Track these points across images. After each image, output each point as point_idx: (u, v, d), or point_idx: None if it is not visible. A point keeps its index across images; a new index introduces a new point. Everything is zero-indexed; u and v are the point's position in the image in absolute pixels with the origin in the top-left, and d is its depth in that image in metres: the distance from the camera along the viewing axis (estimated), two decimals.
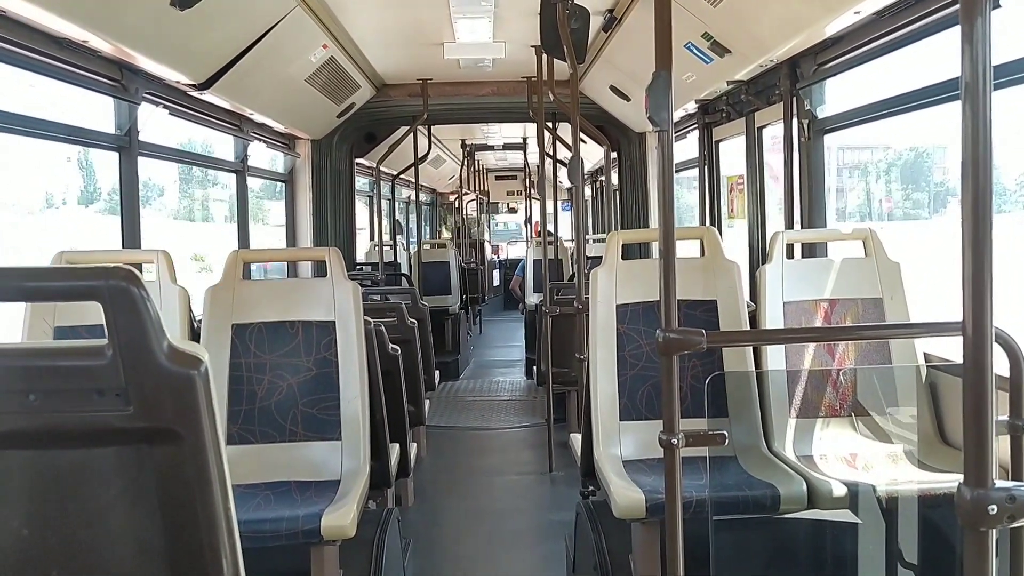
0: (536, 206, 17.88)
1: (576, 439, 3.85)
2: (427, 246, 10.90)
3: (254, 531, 2.70)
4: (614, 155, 7.56)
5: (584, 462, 3.53)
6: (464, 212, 16.54)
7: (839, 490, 2.91)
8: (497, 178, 19.46)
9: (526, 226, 16.28)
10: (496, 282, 16.60)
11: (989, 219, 1.22)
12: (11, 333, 3.30)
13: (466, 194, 15.34)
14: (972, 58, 1.20)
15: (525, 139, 11.99)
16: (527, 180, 14.45)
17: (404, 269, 10.02)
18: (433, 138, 10.06)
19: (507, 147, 12.86)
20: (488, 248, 17.60)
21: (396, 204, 10.37)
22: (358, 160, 8.05)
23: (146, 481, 1.13)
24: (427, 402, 5.55)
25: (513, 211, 21.05)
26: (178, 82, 4.22)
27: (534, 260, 9.70)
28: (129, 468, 1.13)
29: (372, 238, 9.96)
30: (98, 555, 1.16)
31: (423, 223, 17.24)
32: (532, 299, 9.42)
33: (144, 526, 1.15)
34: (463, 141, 12.69)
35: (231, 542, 1.15)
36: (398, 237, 11.02)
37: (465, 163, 13.56)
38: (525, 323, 9.34)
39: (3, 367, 1.08)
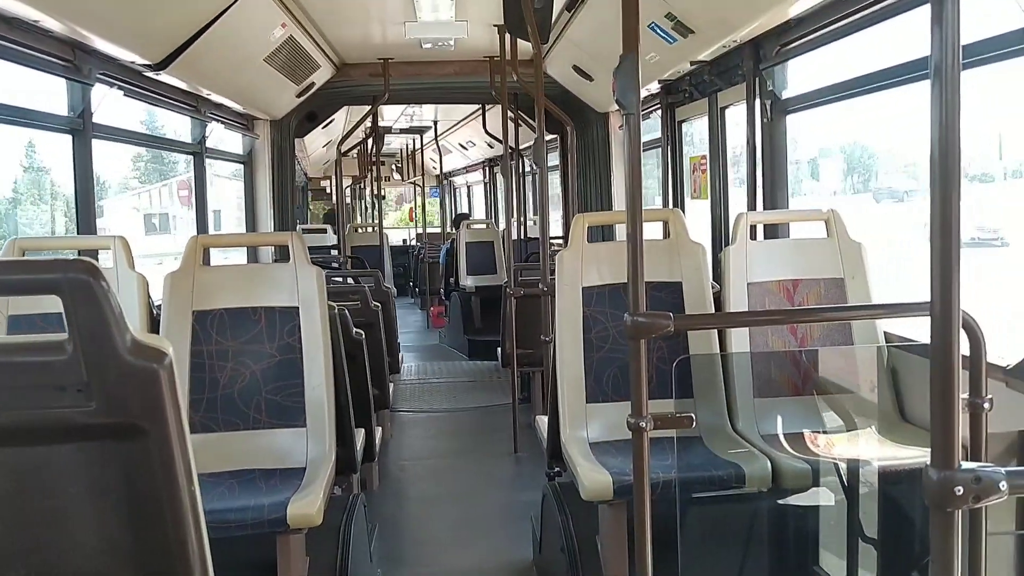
0: (408, 190, 17.44)
1: (542, 421, 3.85)
2: (369, 229, 10.65)
3: (219, 521, 2.67)
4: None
5: (550, 444, 3.54)
6: (340, 196, 16.05)
7: (802, 468, 2.95)
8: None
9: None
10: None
11: (957, 201, 1.23)
12: None
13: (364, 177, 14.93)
14: (942, 38, 1.20)
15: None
16: (410, 164, 14.39)
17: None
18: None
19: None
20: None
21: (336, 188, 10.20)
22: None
23: (111, 477, 1.10)
24: (391, 385, 5.52)
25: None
26: (133, 62, 4.12)
27: (467, 243, 9.73)
28: (93, 464, 1.10)
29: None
30: (65, 553, 1.14)
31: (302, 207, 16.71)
32: (467, 282, 9.46)
33: (110, 522, 1.12)
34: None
35: (198, 536, 1.14)
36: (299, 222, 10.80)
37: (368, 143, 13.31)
38: (460, 304, 9.43)
39: None
